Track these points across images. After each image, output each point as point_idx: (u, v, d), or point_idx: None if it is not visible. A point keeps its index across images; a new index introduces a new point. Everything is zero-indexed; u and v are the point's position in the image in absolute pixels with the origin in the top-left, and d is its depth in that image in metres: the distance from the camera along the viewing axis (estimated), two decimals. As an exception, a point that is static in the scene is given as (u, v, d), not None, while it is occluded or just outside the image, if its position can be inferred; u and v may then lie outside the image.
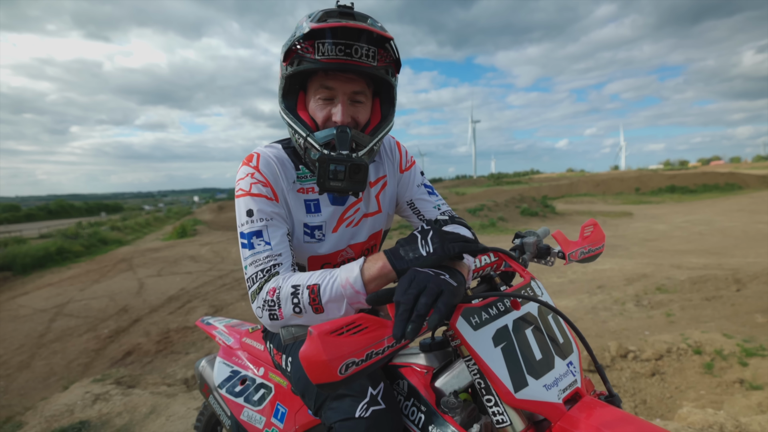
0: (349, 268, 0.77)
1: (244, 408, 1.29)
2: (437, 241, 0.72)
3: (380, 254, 0.77)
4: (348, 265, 0.78)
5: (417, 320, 0.61)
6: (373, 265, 0.76)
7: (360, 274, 0.75)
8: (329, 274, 0.78)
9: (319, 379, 0.59)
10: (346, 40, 0.85)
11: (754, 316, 4.28)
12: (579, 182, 38.68)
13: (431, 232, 0.74)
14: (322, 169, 0.86)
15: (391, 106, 1.01)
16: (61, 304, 7.17)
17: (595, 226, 1.09)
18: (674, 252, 8.96)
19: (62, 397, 3.03)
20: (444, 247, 0.71)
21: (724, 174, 34.75)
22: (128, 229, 21.92)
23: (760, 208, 16.92)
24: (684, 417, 2.32)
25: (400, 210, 1.17)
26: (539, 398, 0.73)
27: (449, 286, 0.66)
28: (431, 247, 0.71)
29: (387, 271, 0.74)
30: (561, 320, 0.86)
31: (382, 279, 0.75)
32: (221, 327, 1.60)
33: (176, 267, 9.91)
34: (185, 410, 2.68)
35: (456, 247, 0.71)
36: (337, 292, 0.75)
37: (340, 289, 0.75)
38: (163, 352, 4.72)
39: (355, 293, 0.75)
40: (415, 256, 0.72)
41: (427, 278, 0.66)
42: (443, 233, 0.73)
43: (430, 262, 0.70)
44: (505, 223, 16.05)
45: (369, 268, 0.76)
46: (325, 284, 0.77)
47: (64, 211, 52.41)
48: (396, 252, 0.74)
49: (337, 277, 0.77)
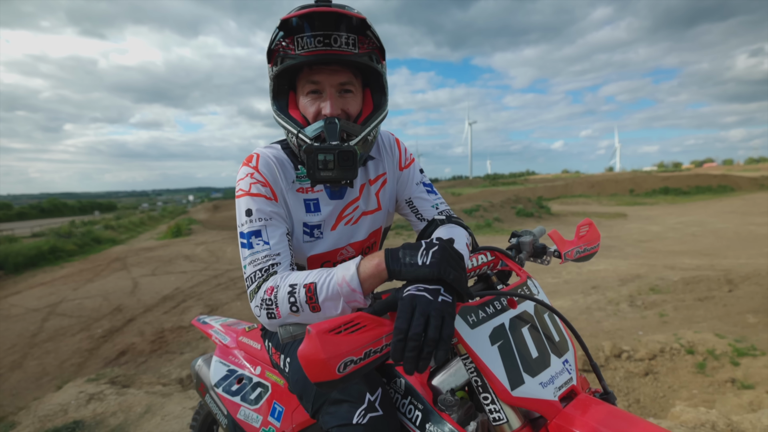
0: (346, 266, 0.76)
1: (240, 407, 1.29)
2: (438, 257, 0.68)
3: (379, 252, 0.75)
4: (345, 264, 0.77)
5: (428, 357, 0.61)
6: (370, 262, 0.74)
7: (356, 272, 0.74)
8: (326, 273, 0.78)
9: (317, 377, 0.59)
10: (325, 30, 0.85)
11: (745, 317, 4.34)
12: (574, 183, 38.92)
13: (437, 246, 0.70)
14: (310, 160, 0.86)
15: (383, 94, 1.00)
16: (53, 304, 7.10)
17: (590, 226, 1.10)
18: (668, 253, 9.05)
19: (55, 396, 3.01)
20: (441, 266, 0.67)
21: (717, 176, 35.14)
22: (122, 228, 21.74)
23: (751, 209, 17.13)
24: (677, 415, 2.35)
25: (399, 208, 1.17)
26: (535, 396, 0.74)
27: (449, 310, 0.65)
28: (429, 259, 0.68)
29: (381, 269, 0.73)
30: (557, 319, 0.87)
31: (377, 278, 0.74)
32: (217, 326, 1.59)
33: (171, 266, 9.85)
34: (180, 410, 2.67)
35: (452, 274, 0.67)
36: (334, 290, 0.75)
37: (337, 287, 0.75)
38: (157, 352, 4.69)
39: (351, 291, 0.74)
40: (411, 261, 0.69)
41: (429, 305, 0.64)
42: (449, 254, 0.70)
43: (422, 274, 0.67)
44: (501, 223, 16.11)
45: (365, 266, 0.75)
46: (322, 282, 0.76)
47: (57, 210, 51.90)
48: (395, 253, 0.73)
49: (334, 276, 0.76)
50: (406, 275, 0.69)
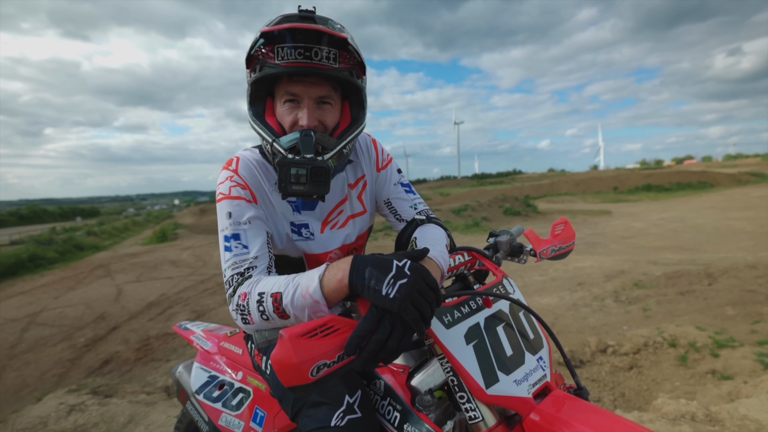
0: (310, 277, 0.74)
1: (222, 413, 1.28)
2: (403, 293, 0.64)
3: (344, 264, 0.71)
4: (309, 273, 0.75)
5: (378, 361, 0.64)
6: (333, 276, 0.71)
7: (319, 285, 0.72)
8: (292, 282, 0.76)
9: (290, 381, 0.59)
10: (306, 43, 0.84)
11: (724, 309, 4.46)
12: (560, 182, 39.51)
13: (406, 279, 0.65)
14: (282, 173, 0.86)
15: (361, 108, 1.00)
16: (33, 313, 6.90)
17: (565, 224, 1.12)
18: (650, 248, 9.24)
19: (35, 409, 2.93)
20: (402, 304, 0.63)
21: (697, 173, 36.06)
22: (105, 234, 21.24)
23: (730, 205, 17.62)
24: (658, 407, 2.40)
25: (379, 209, 1.18)
26: (509, 393, 0.75)
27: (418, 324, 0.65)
28: (393, 292, 0.64)
29: (344, 285, 0.70)
30: (532, 317, 0.88)
31: (340, 292, 0.71)
32: (199, 332, 1.57)
33: (156, 272, 9.67)
34: (165, 418, 2.62)
35: (411, 314, 0.64)
36: (298, 301, 0.73)
37: (301, 299, 0.73)
38: (142, 360, 4.59)
39: (314, 303, 0.72)
40: (375, 287, 0.65)
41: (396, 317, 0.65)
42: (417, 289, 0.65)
43: (382, 304, 0.64)
44: (489, 222, 16.25)
45: (328, 278, 0.72)
46: (287, 293, 0.75)
47: (36, 217, 50.49)
48: (361, 269, 0.68)
49: (299, 286, 0.74)
50: (368, 298, 0.67)
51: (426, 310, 0.66)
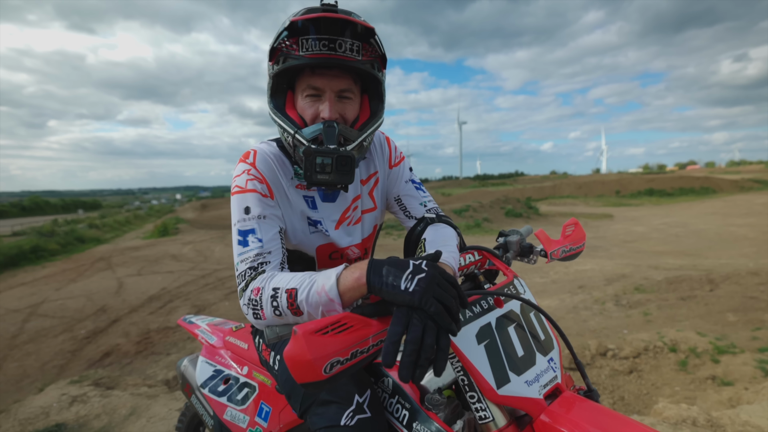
0: (327, 275, 0.74)
1: (227, 407, 1.28)
2: (423, 286, 0.63)
3: (362, 264, 0.71)
4: (327, 272, 0.75)
5: (426, 364, 0.60)
6: (351, 274, 0.71)
7: (336, 283, 0.72)
8: (308, 278, 0.76)
9: (303, 378, 0.59)
10: (330, 35, 0.85)
11: (725, 315, 4.45)
12: (562, 184, 39.48)
13: (424, 274, 0.65)
14: (308, 162, 0.86)
15: (380, 102, 1.01)
16: (35, 304, 6.92)
17: (576, 226, 1.12)
18: (652, 253, 9.23)
19: (37, 399, 2.94)
20: (423, 297, 0.62)
21: (700, 178, 36.01)
22: (107, 227, 21.27)
23: (732, 211, 17.58)
24: (659, 412, 2.40)
25: (389, 205, 1.18)
26: (520, 394, 0.74)
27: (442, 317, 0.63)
28: (413, 286, 0.63)
29: (361, 283, 0.69)
30: (542, 317, 0.88)
31: (357, 291, 0.71)
32: (204, 326, 1.58)
33: (157, 266, 9.68)
34: (166, 411, 2.63)
35: (433, 306, 0.62)
36: (313, 298, 0.73)
37: (316, 296, 0.73)
38: (143, 353, 4.60)
39: (329, 301, 0.72)
40: (393, 282, 0.65)
41: (425, 315, 0.63)
42: (436, 283, 0.65)
43: (402, 300, 0.63)
44: (490, 223, 16.24)
45: (346, 277, 0.72)
46: (303, 289, 0.75)
47: (38, 208, 50.58)
48: (378, 267, 0.68)
49: (315, 283, 0.74)
50: (386, 295, 0.66)
51: (451, 304, 0.64)
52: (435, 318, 0.62)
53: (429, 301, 0.62)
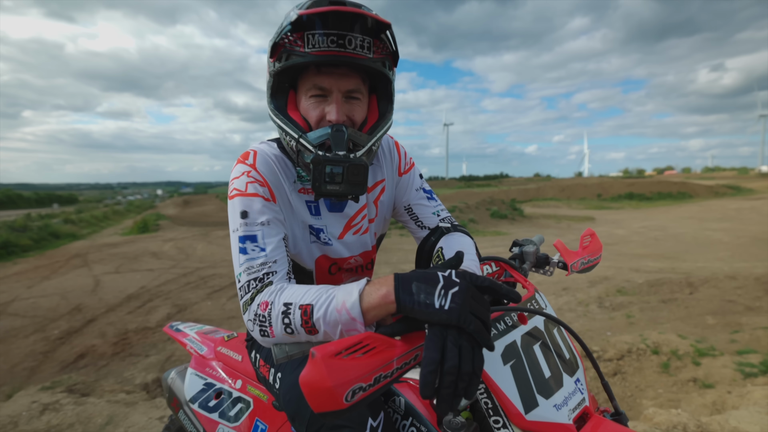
0: (348, 291, 0.67)
1: (219, 425, 1.19)
2: (459, 302, 0.57)
3: (387, 279, 0.64)
4: (347, 286, 0.68)
5: (462, 393, 0.55)
6: (376, 291, 0.64)
7: (359, 300, 0.64)
8: (325, 294, 0.69)
9: (322, 407, 0.52)
10: (339, 30, 0.78)
11: (705, 318, 4.57)
12: (545, 187, 40.26)
13: (458, 288, 0.59)
14: (317, 172, 0.79)
15: (389, 102, 0.94)
16: (4, 303, 6.58)
17: (592, 237, 1.09)
18: (633, 256, 9.44)
19: (5, 407, 2.76)
20: (461, 314, 0.56)
21: (677, 183, 37.26)
22: (83, 222, 20.49)
23: (707, 215, 18.20)
24: (650, 417, 2.42)
25: (397, 214, 1.11)
26: (550, 419, 0.69)
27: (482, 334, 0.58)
28: (448, 303, 0.57)
29: (389, 301, 0.62)
30: (566, 334, 0.83)
31: (383, 309, 0.63)
32: (193, 334, 1.48)
33: (136, 264, 9.38)
34: (146, 420, 2.50)
35: (472, 324, 0.56)
36: (332, 316, 0.66)
37: (335, 313, 0.65)
38: (120, 355, 4.42)
39: (350, 320, 0.64)
40: (426, 300, 0.58)
41: (460, 335, 0.57)
42: (471, 296, 0.59)
43: (438, 319, 0.57)
44: (476, 225, 16.35)
45: (370, 293, 0.64)
46: (320, 305, 0.67)
47: (10, 202, 48.49)
48: (407, 284, 0.61)
49: (334, 299, 0.67)
50: (419, 315, 0.59)
51: (486, 317, 0.59)
52: (475, 336, 0.57)
53: (467, 318, 0.56)
